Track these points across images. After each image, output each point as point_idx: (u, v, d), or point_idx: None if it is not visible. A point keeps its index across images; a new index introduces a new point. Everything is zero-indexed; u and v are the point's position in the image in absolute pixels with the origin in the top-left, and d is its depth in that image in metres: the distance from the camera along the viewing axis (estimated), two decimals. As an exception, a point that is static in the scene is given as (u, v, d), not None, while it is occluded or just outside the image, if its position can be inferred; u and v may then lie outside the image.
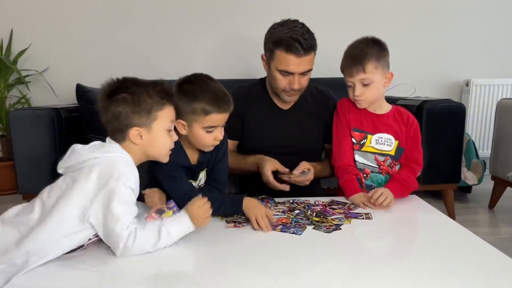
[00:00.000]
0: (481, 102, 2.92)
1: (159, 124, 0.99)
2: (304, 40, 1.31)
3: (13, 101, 2.76)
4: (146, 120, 0.97)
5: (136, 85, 0.98)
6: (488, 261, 0.86)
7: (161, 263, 0.87)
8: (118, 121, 0.96)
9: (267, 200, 1.29)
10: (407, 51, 2.81)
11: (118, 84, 0.98)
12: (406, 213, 1.23)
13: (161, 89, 0.99)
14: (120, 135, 0.98)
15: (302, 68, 1.35)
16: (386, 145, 1.35)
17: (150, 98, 0.97)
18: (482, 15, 2.92)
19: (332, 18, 2.82)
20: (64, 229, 0.87)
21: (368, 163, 1.35)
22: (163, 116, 0.99)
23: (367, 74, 1.27)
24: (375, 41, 1.30)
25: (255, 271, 0.83)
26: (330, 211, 1.17)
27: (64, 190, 0.91)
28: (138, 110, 0.96)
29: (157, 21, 2.77)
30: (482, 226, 2.14)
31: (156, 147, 1.01)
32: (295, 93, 1.43)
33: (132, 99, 0.95)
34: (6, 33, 2.70)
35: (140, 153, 1.00)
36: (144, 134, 0.98)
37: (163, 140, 1.02)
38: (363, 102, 1.33)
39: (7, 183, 2.68)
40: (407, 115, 1.39)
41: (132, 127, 0.97)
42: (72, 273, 0.83)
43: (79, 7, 2.73)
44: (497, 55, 2.97)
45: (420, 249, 0.94)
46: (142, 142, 0.98)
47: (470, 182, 2.43)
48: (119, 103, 0.95)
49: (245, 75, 2.76)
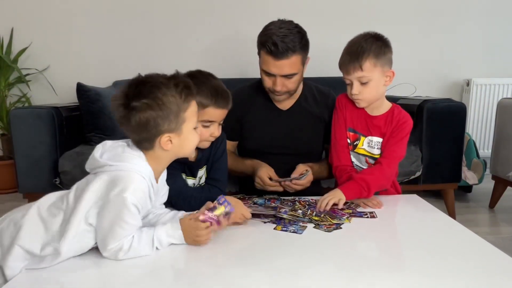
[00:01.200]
0: (481, 101, 2.91)
1: (188, 124, 0.94)
2: (282, 43, 1.27)
3: (13, 99, 2.76)
4: (175, 124, 0.91)
5: (156, 86, 0.89)
6: (489, 261, 0.86)
7: (159, 262, 0.87)
8: (146, 130, 0.89)
9: (244, 200, 1.27)
10: (407, 50, 2.81)
11: (136, 88, 0.89)
12: (408, 213, 1.23)
13: (185, 86, 0.92)
14: (148, 144, 0.92)
15: (282, 71, 1.33)
16: (376, 148, 1.32)
17: (174, 98, 0.89)
18: (483, 15, 2.92)
19: (332, 17, 2.82)
20: (75, 230, 0.85)
21: (360, 164, 1.35)
22: (190, 115, 0.94)
23: (364, 72, 1.21)
24: (376, 37, 1.24)
25: (255, 270, 0.83)
26: (339, 212, 1.16)
27: (80, 191, 0.88)
28: (166, 115, 0.89)
29: (157, 19, 2.77)
30: (482, 225, 2.14)
31: (185, 148, 0.97)
32: (281, 95, 1.42)
33: (157, 104, 0.87)
34: (6, 31, 2.70)
35: (169, 157, 0.97)
36: (175, 138, 0.93)
37: (192, 139, 0.97)
38: (361, 101, 1.28)
39: (8, 182, 2.68)
40: (398, 118, 1.30)
41: (163, 134, 0.90)
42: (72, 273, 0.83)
43: (79, 6, 2.73)
44: (498, 55, 2.97)
45: (421, 248, 0.94)
46: (172, 146, 0.93)
47: (471, 181, 2.43)
48: (144, 111, 0.87)
49: (244, 74, 2.76)
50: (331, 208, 1.17)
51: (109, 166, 0.88)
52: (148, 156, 0.93)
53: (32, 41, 2.71)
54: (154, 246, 0.90)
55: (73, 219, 0.85)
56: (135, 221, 0.88)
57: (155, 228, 0.92)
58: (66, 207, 0.88)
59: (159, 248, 0.91)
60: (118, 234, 0.85)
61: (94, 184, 0.86)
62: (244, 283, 0.78)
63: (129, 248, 0.86)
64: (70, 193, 0.90)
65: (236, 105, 1.54)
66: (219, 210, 0.96)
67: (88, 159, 0.93)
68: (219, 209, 0.96)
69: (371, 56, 1.20)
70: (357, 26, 1.40)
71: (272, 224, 1.08)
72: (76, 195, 0.88)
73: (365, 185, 1.20)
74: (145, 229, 0.91)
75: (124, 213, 0.85)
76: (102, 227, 0.86)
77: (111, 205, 0.85)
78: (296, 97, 1.52)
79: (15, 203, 2.55)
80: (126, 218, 0.85)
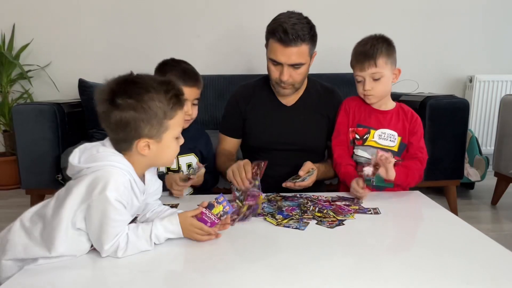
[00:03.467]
0: (484, 98, 2.91)
1: (170, 133, 0.91)
2: (292, 30, 1.28)
3: (15, 96, 2.76)
4: (157, 131, 0.88)
5: (145, 89, 0.86)
6: (492, 257, 0.86)
7: (160, 258, 0.87)
8: (125, 131, 0.86)
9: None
10: (410, 47, 2.80)
11: (125, 86, 0.86)
12: (410, 209, 1.23)
13: (174, 94, 0.89)
14: (125, 145, 0.89)
15: (290, 59, 1.33)
16: (389, 140, 1.36)
17: (162, 104, 0.86)
18: (485, 11, 2.90)
19: (335, 15, 2.81)
20: (63, 237, 0.83)
21: (369, 157, 1.35)
22: (174, 124, 0.91)
23: (378, 68, 1.29)
24: (384, 38, 1.33)
25: (257, 265, 0.83)
26: (346, 208, 1.16)
27: (62, 199, 0.87)
28: (148, 119, 0.85)
29: (159, 16, 2.76)
30: (484, 222, 2.14)
31: (164, 157, 0.94)
32: (286, 86, 1.40)
33: (142, 107, 0.84)
34: (8, 28, 2.70)
35: (145, 163, 0.93)
36: (153, 144, 0.89)
37: (172, 149, 0.94)
38: (372, 97, 1.34)
39: (10, 178, 2.69)
40: (410, 112, 1.40)
41: (141, 138, 0.87)
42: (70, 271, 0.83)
43: (81, 2, 2.72)
44: (501, 51, 2.96)
45: (423, 244, 0.94)
46: (150, 153, 0.90)
47: (473, 178, 2.42)
48: (126, 110, 0.84)
49: (247, 70, 2.75)
50: (338, 205, 1.18)
51: (86, 169, 0.86)
52: (126, 157, 0.90)
53: (33, 38, 2.71)
54: (153, 241, 0.88)
55: (58, 228, 0.83)
56: (123, 217, 0.86)
57: (152, 223, 0.90)
58: (47, 214, 0.86)
59: (157, 243, 0.90)
60: (111, 234, 0.83)
61: (74, 190, 0.84)
62: (245, 279, 0.78)
63: (126, 245, 0.85)
64: (51, 201, 0.89)
65: (240, 100, 1.55)
66: (217, 209, 0.94)
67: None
68: (217, 208, 0.94)
69: (384, 53, 1.30)
70: (360, 25, 1.41)
71: (273, 220, 1.08)
72: (57, 204, 0.87)
73: (411, 170, 1.31)
74: (142, 224, 0.90)
75: (110, 211, 0.83)
76: (93, 229, 0.84)
77: (95, 206, 0.82)
78: (300, 93, 1.52)
79: (17, 199, 2.56)
80: (113, 215, 0.83)
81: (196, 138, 1.42)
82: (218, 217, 0.94)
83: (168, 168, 1.36)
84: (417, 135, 1.37)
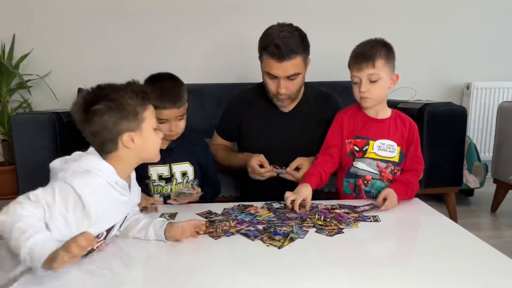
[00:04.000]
0: (482, 105, 2.92)
1: (148, 124, 0.98)
2: (284, 46, 1.31)
3: (15, 105, 2.76)
4: (135, 123, 0.95)
5: (114, 90, 0.94)
6: (492, 264, 0.86)
7: (161, 267, 0.87)
8: (107, 131, 0.92)
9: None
10: (407, 54, 2.80)
11: (94, 93, 0.94)
12: (410, 217, 1.23)
13: (140, 90, 0.98)
14: (111, 145, 0.95)
15: (286, 72, 1.36)
16: (389, 151, 1.33)
17: (132, 100, 0.94)
18: (482, 18, 2.93)
19: (333, 22, 2.83)
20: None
21: (369, 169, 1.34)
22: (149, 115, 0.98)
23: (376, 69, 1.26)
24: (384, 43, 1.32)
25: (255, 274, 0.83)
26: (345, 216, 1.16)
27: None
28: (125, 115, 0.93)
29: (158, 25, 2.78)
30: (484, 229, 2.14)
31: (148, 148, 1.00)
32: (284, 99, 1.44)
33: (116, 106, 0.92)
34: (8, 37, 2.71)
35: (134, 157, 0.99)
36: (136, 137, 0.96)
37: (154, 139, 1.01)
38: (368, 100, 1.31)
39: (8, 188, 2.67)
40: (408, 120, 1.38)
41: (124, 133, 0.94)
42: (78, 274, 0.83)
43: (80, 12, 2.74)
44: (498, 58, 2.98)
45: (423, 252, 0.94)
46: (135, 145, 0.96)
47: (472, 185, 2.42)
48: (103, 112, 0.91)
49: (246, 79, 2.76)
50: (338, 213, 1.18)
51: (64, 171, 0.89)
52: (113, 158, 0.95)
53: (33, 47, 2.72)
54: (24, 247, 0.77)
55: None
56: (59, 204, 0.84)
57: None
58: None
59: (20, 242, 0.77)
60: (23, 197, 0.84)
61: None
62: (243, 286, 0.77)
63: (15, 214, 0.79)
64: None
65: (237, 106, 1.56)
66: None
67: None
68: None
69: (383, 55, 1.28)
70: (358, 32, 1.42)
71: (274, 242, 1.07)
72: None
73: (411, 186, 1.29)
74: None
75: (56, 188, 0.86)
76: None
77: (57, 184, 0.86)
78: (298, 99, 1.53)
79: (16, 209, 2.54)
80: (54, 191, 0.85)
81: (192, 146, 1.40)
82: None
83: (160, 176, 1.35)
84: (414, 144, 1.36)
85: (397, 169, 1.34)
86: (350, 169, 1.37)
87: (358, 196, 1.36)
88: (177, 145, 1.37)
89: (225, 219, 1.15)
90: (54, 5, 2.73)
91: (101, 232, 0.93)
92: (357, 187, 1.36)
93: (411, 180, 1.30)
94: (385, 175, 1.33)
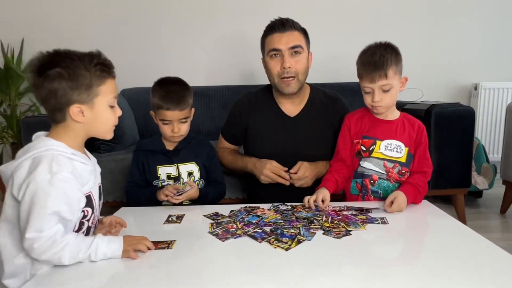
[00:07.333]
0: (490, 105, 2.89)
1: (102, 99, 0.94)
2: (285, 20, 1.43)
3: (24, 108, 2.80)
4: (87, 96, 0.91)
5: (70, 58, 0.90)
6: (502, 266, 0.85)
7: (166, 268, 0.87)
8: (55, 99, 0.89)
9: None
10: (415, 55, 2.80)
11: (50, 58, 0.90)
12: (418, 218, 1.22)
13: (99, 62, 0.93)
14: (60, 114, 0.92)
15: (288, 43, 1.40)
16: (395, 151, 1.33)
17: (88, 72, 0.90)
18: (490, 19, 2.90)
19: (338, 24, 2.83)
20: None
21: (376, 169, 1.34)
22: (105, 91, 0.94)
23: (388, 79, 1.25)
24: (391, 47, 1.29)
25: (262, 276, 0.83)
26: (353, 218, 1.16)
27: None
28: (76, 85, 0.89)
29: (164, 29, 2.80)
30: (493, 231, 2.11)
31: (99, 124, 0.96)
32: (290, 81, 1.43)
33: (68, 75, 0.88)
34: (17, 42, 2.75)
35: (83, 131, 0.95)
36: (86, 111, 0.92)
37: (107, 117, 0.96)
38: (381, 108, 1.31)
39: (18, 190, 2.70)
40: (416, 122, 1.37)
41: (72, 104, 0.90)
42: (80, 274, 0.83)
43: (87, 17, 2.77)
44: (506, 59, 2.95)
45: (433, 254, 0.93)
46: (85, 119, 0.93)
47: (481, 186, 2.40)
48: (54, 79, 0.87)
49: (252, 81, 2.77)
50: (345, 215, 1.17)
51: (24, 161, 0.88)
52: (61, 129, 0.94)
53: (42, 51, 2.76)
54: (87, 253, 0.87)
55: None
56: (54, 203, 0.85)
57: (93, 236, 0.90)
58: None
59: (88, 258, 0.88)
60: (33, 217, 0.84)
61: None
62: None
63: (61, 241, 0.84)
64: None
65: (242, 111, 1.56)
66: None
67: None
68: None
69: (393, 64, 1.26)
70: (364, 34, 1.42)
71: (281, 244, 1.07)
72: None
73: (420, 189, 1.28)
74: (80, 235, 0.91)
75: (42, 195, 0.84)
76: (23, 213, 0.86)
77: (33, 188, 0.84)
78: (304, 103, 1.52)
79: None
80: (42, 201, 0.84)
81: (198, 148, 1.43)
82: None
83: (168, 176, 1.38)
84: (423, 146, 1.34)
85: (405, 170, 1.33)
86: (357, 169, 1.37)
87: (365, 196, 1.35)
88: (184, 146, 1.41)
89: (232, 221, 1.15)
90: (63, 9, 2.76)
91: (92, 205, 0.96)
92: (364, 187, 1.35)
93: (420, 183, 1.29)
94: (392, 175, 1.33)
